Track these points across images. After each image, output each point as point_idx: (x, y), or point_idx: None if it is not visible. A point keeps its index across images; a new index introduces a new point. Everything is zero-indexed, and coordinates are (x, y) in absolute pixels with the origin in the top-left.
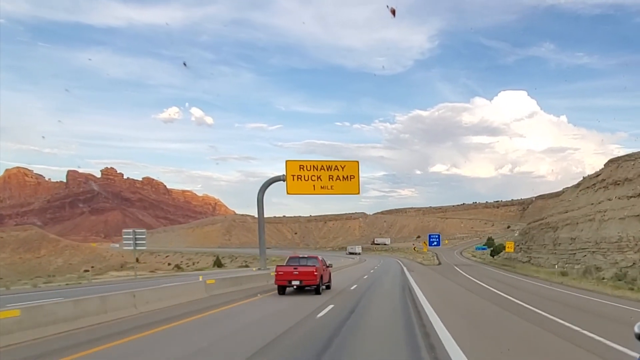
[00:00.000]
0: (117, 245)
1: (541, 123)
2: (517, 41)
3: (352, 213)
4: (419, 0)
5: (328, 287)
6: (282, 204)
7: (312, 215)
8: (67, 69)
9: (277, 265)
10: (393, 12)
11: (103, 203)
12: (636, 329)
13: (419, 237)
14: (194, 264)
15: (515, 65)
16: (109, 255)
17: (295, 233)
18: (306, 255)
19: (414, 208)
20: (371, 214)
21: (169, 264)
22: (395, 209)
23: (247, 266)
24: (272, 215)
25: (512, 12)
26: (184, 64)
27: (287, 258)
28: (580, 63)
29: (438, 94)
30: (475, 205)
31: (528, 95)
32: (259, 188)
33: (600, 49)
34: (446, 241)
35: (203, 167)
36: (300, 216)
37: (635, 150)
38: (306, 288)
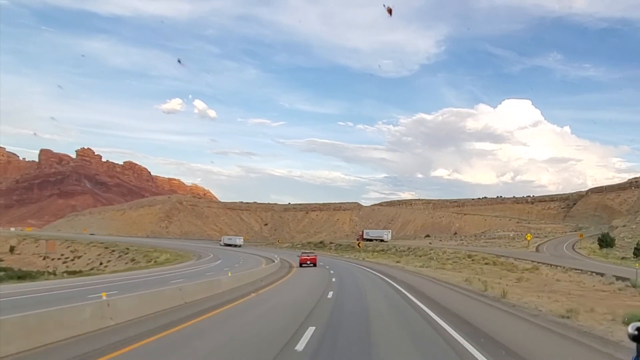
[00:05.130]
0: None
1: (544, 133)
2: (524, 50)
3: (343, 203)
4: (427, 6)
5: None
6: (249, 185)
7: (291, 203)
8: (70, 55)
9: None
10: (389, 11)
11: (73, 186)
12: (630, 330)
13: (427, 236)
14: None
15: (520, 74)
16: None
17: (266, 224)
18: None
19: (422, 200)
20: (368, 205)
21: (44, 257)
22: (398, 201)
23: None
24: (237, 200)
25: (519, 22)
26: (179, 61)
27: None
28: (586, 75)
29: (442, 99)
30: (500, 200)
31: (532, 104)
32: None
33: (607, 62)
34: (528, 236)
35: (204, 160)
36: (275, 204)
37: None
38: None
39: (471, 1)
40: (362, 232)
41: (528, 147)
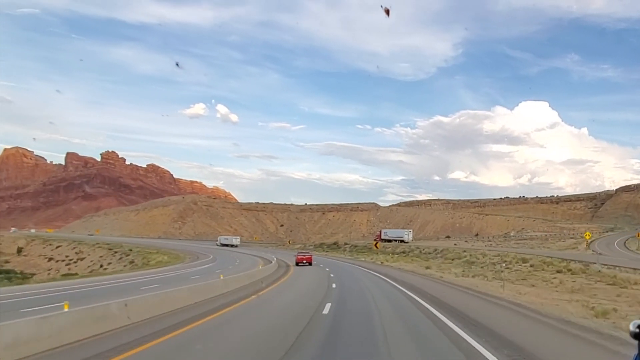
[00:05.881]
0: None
1: (562, 134)
2: (541, 52)
3: (360, 203)
4: (445, 9)
5: None
6: (270, 188)
7: (307, 203)
8: (99, 62)
9: None
10: (387, 12)
11: (98, 188)
12: (631, 327)
13: (448, 237)
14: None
15: (537, 75)
16: None
17: (281, 225)
18: None
19: (442, 200)
20: (385, 205)
21: (49, 259)
22: (417, 201)
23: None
24: (253, 201)
25: (536, 23)
26: (177, 64)
27: None
28: (604, 76)
29: (459, 101)
30: (523, 200)
31: (549, 106)
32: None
33: (625, 63)
34: (587, 235)
35: (226, 163)
36: (292, 204)
37: None
38: None
39: (489, 4)
40: (380, 232)
41: (545, 149)
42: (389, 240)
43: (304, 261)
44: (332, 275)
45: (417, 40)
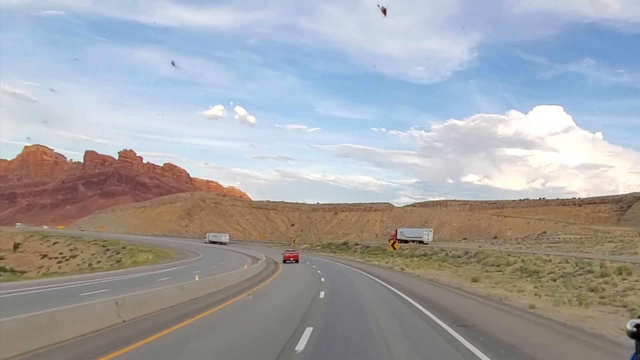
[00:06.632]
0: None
1: (576, 139)
2: (556, 56)
3: (373, 203)
4: (461, 13)
5: None
6: (285, 189)
7: (320, 203)
8: (123, 64)
9: None
10: (384, 11)
11: (115, 186)
12: (628, 326)
13: (464, 239)
14: None
15: (552, 80)
16: None
17: (292, 224)
18: None
19: (458, 201)
20: (400, 206)
21: (43, 255)
22: (433, 202)
23: None
24: (261, 198)
25: (552, 28)
26: (172, 63)
27: None
28: (620, 81)
29: (474, 105)
30: (544, 202)
31: (564, 110)
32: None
33: None
34: None
35: (243, 164)
36: (303, 203)
37: None
38: None
39: (505, 8)
40: (396, 231)
41: (559, 153)
42: (406, 241)
43: (291, 258)
44: (322, 294)
45: (433, 44)
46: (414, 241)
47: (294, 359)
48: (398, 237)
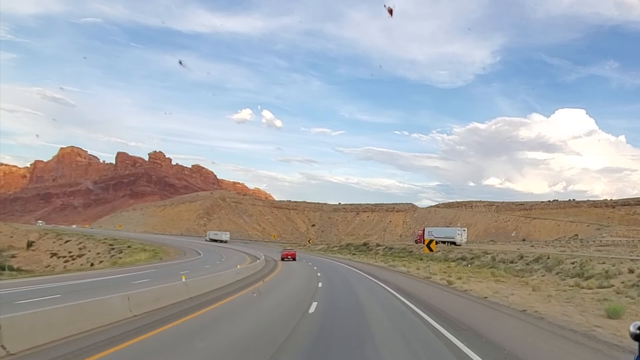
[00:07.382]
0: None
1: (599, 142)
2: (579, 59)
3: (396, 204)
4: (484, 16)
5: None
6: (309, 192)
7: (342, 203)
8: (157, 69)
9: None
10: (390, 11)
11: (144, 187)
12: (632, 329)
13: (492, 241)
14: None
15: (575, 83)
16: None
17: (313, 225)
18: None
19: (484, 202)
20: (424, 207)
21: (54, 254)
22: (457, 202)
23: None
24: (284, 199)
25: (575, 31)
26: (180, 62)
27: None
28: None
29: (496, 108)
30: (574, 204)
31: (587, 113)
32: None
33: None
34: None
35: (269, 167)
36: (325, 203)
37: None
38: None
39: (528, 11)
40: (423, 230)
41: (581, 157)
42: (437, 241)
43: (289, 256)
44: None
45: (456, 48)
46: (444, 242)
47: None
48: (425, 238)
